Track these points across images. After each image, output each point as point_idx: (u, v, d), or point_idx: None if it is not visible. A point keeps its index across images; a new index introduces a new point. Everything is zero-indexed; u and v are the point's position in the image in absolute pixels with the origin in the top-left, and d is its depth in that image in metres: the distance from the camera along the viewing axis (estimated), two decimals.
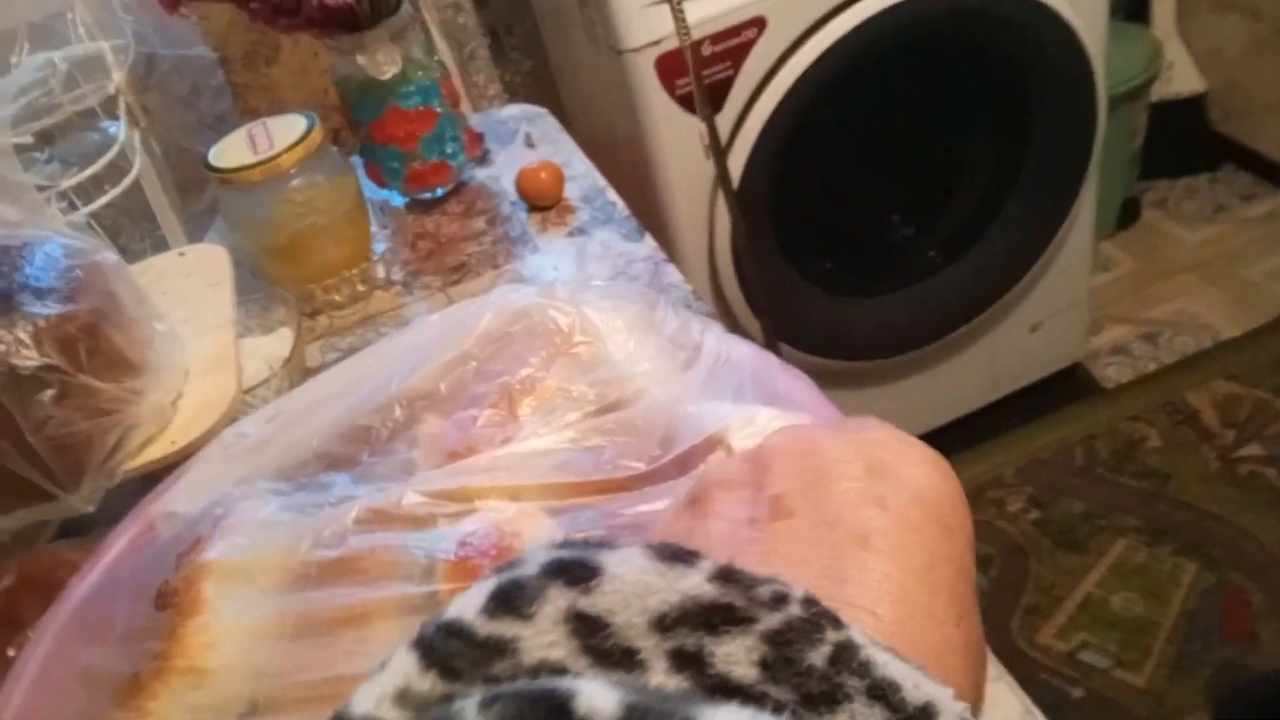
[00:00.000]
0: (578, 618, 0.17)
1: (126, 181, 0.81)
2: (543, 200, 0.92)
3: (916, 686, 0.18)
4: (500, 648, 0.17)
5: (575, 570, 0.18)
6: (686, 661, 0.17)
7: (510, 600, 0.18)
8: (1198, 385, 1.70)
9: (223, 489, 0.44)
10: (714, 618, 0.18)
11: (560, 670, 0.17)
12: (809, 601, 0.18)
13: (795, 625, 0.18)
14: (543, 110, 1.11)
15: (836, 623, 0.18)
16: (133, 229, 0.92)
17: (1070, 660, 1.37)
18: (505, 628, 0.17)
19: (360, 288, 0.88)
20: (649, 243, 0.84)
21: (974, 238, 1.49)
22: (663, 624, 0.18)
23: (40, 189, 0.76)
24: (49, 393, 0.55)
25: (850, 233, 1.54)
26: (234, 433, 0.47)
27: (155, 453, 0.60)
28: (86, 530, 0.68)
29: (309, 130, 0.83)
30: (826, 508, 0.23)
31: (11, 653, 0.54)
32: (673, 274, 0.79)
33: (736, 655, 0.17)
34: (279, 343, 0.81)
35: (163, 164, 0.97)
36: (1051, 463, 1.65)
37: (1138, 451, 1.63)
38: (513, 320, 0.49)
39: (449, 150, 0.94)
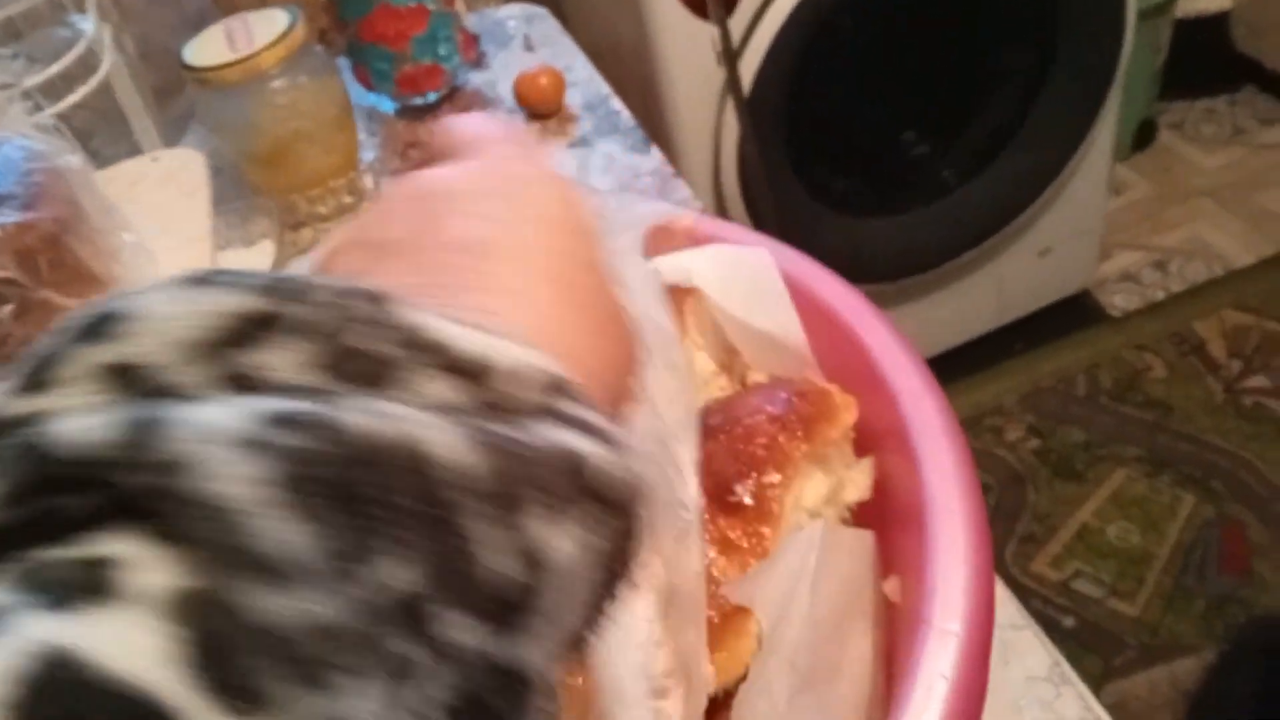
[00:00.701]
0: (108, 371, 0.15)
1: (94, 80, 0.75)
2: (543, 108, 0.86)
3: (500, 352, 0.17)
4: (25, 423, 0.15)
5: (100, 324, 0.16)
6: (241, 383, 0.15)
7: (35, 375, 0.16)
8: (1206, 315, 1.67)
9: None
10: (262, 330, 0.16)
11: None
12: (375, 296, 0.17)
13: (360, 318, 0.16)
14: (542, 10, 1.04)
15: (407, 308, 0.17)
16: (106, 132, 0.87)
17: (1063, 589, 1.36)
18: (29, 404, 0.15)
19: (347, 199, 0.83)
20: (656, 155, 0.79)
21: (989, 157, 1.43)
22: (202, 350, 0.16)
23: (2, 87, 0.71)
24: (7, 308, 0.51)
25: (862, 149, 1.48)
26: None
27: None
28: None
29: (291, 27, 0.77)
30: (442, 238, 0.22)
31: None
32: (682, 189, 0.74)
33: (292, 361, 0.16)
34: (260, 256, 0.77)
35: (137, 64, 0.91)
36: (1053, 391, 1.62)
37: (1142, 381, 1.60)
38: None
39: (442, 52, 0.88)
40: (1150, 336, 1.66)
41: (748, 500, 0.35)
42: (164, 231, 0.65)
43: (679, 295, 0.42)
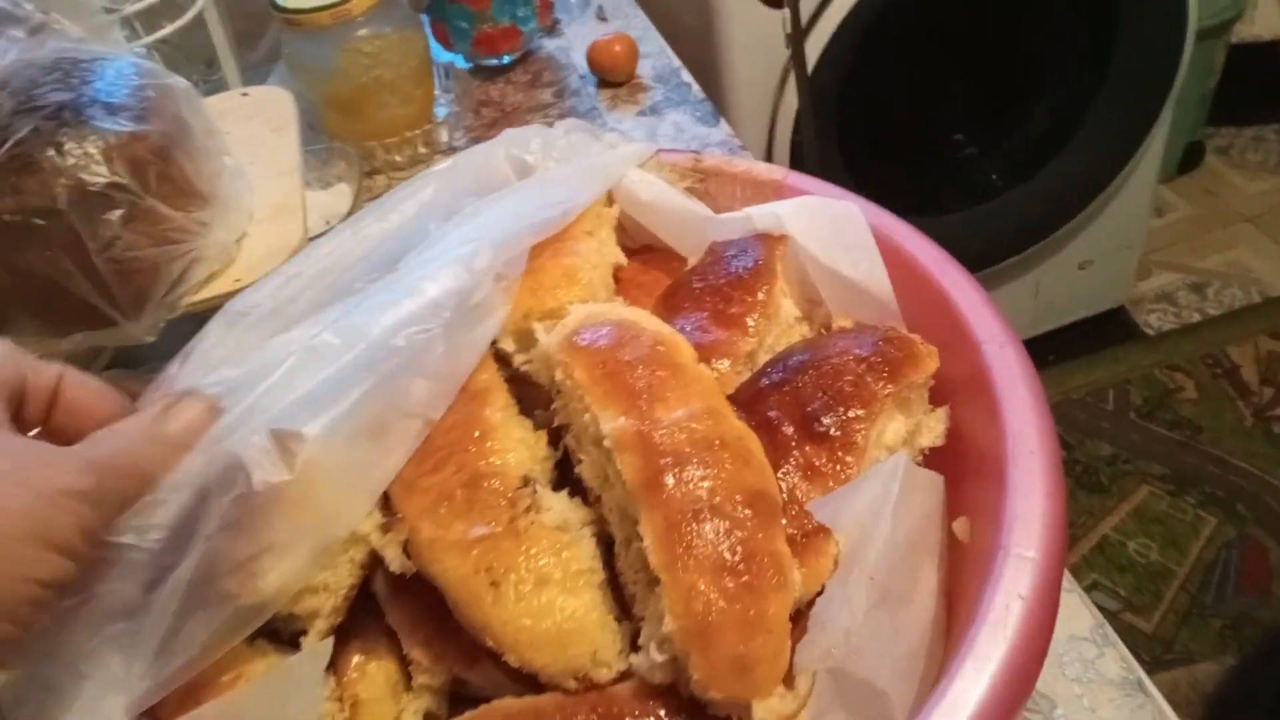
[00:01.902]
0: None
1: (191, 13, 0.78)
2: (615, 75, 0.88)
3: None
4: None
5: None
6: None
7: None
8: (1241, 340, 1.67)
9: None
10: None
11: None
12: None
13: None
14: None
15: None
16: (189, 69, 0.89)
17: None
18: None
19: (422, 150, 0.85)
20: (724, 128, 0.81)
21: (1039, 164, 1.44)
22: None
23: (107, 10, 0.73)
24: (117, 213, 0.53)
25: (912, 145, 1.49)
26: (241, 304, 0.44)
27: (219, 288, 0.59)
28: (138, 365, 0.67)
29: None
30: None
31: None
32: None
33: None
34: (337, 199, 0.79)
35: (222, 5, 0.93)
36: (1083, 404, 1.63)
37: (1172, 400, 1.61)
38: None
39: (520, 14, 0.90)
40: (1183, 357, 1.66)
41: (834, 431, 0.37)
42: (254, 163, 0.67)
43: (771, 241, 0.44)
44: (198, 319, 0.49)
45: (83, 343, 0.57)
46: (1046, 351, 1.69)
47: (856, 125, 1.30)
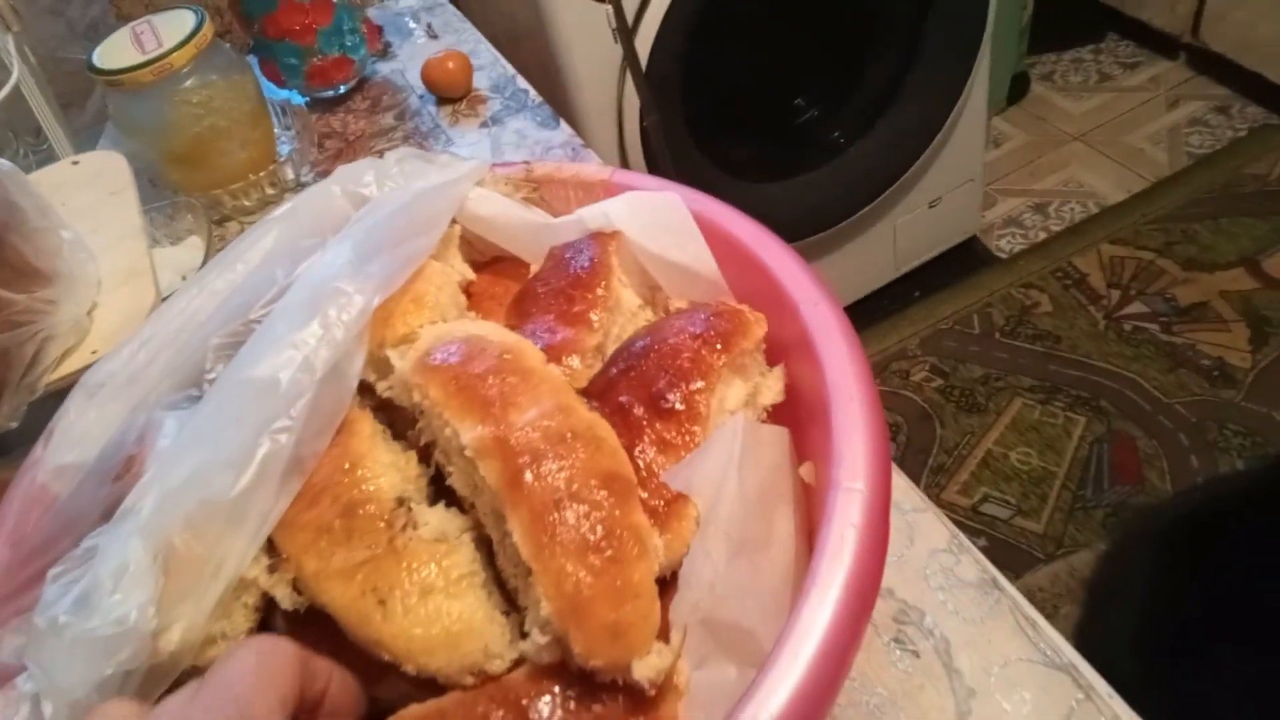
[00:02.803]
0: None
1: (8, 87, 0.76)
2: (452, 91, 0.90)
3: None
4: None
5: None
6: None
7: None
8: (1085, 250, 1.79)
9: (128, 419, 0.43)
10: None
11: None
12: None
13: None
14: None
15: None
16: (15, 144, 0.87)
17: (974, 513, 1.46)
18: None
19: (269, 190, 0.85)
20: (565, 129, 0.84)
21: (876, 116, 1.51)
22: None
23: None
24: None
25: (757, 117, 1.55)
26: (98, 375, 0.45)
27: (76, 363, 0.59)
28: (7, 450, 0.66)
29: (199, 26, 0.79)
30: None
31: None
32: (592, 158, 0.79)
33: None
34: (190, 252, 0.79)
35: (40, 74, 0.91)
36: (952, 332, 1.73)
37: (1031, 316, 1.72)
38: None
39: (349, 43, 0.91)
40: (1035, 274, 1.78)
41: (679, 405, 0.40)
42: (96, 231, 0.67)
43: (604, 239, 0.47)
44: (62, 395, 0.49)
45: None
46: (912, 289, 1.78)
47: (702, 104, 1.35)
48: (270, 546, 0.38)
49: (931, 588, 0.51)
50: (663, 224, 0.47)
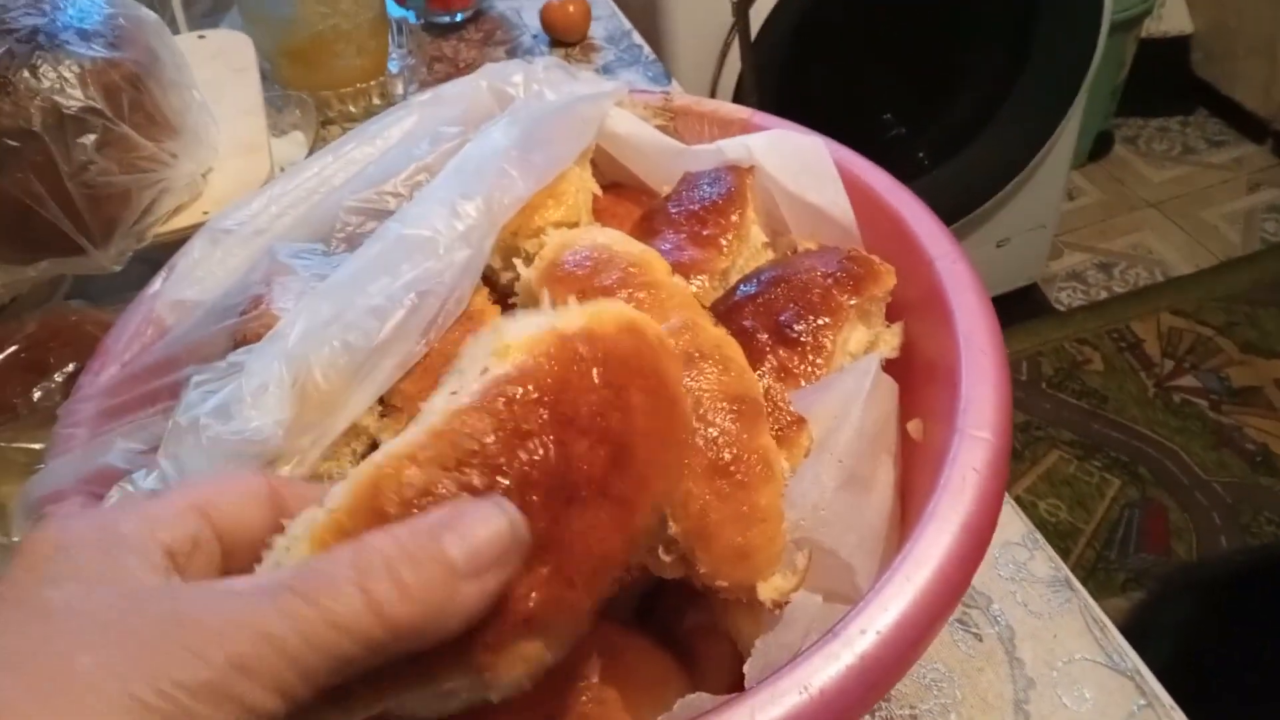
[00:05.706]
0: None
1: None
2: (568, 35, 0.90)
3: None
4: None
5: None
6: None
7: None
8: (1144, 316, 1.78)
9: (255, 260, 0.43)
10: None
11: None
12: None
13: None
14: None
15: None
16: None
17: None
18: None
19: (376, 101, 0.86)
20: (676, 87, 0.84)
21: (961, 144, 1.51)
22: None
23: None
24: (91, 138, 0.53)
25: (845, 124, 1.54)
26: (226, 222, 0.46)
27: (186, 220, 0.60)
28: (95, 298, 0.67)
29: None
30: None
31: (37, 394, 0.54)
32: None
33: None
34: (293, 146, 0.80)
35: None
36: None
37: (1080, 372, 1.70)
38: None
39: None
40: (1091, 332, 1.76)
41: (804, 337, 0.40)
42: (218, 102, 0.67)
43: (741, 172, 0.47)
44: (153, 262, 0.50)
45: (49, 270, 0.57)
46: None
47: (791, 102, 1.34)
48: (383, 405, 0.39)
49: (1002, 577, 0.51)
50: (803, 164, 0.47)
